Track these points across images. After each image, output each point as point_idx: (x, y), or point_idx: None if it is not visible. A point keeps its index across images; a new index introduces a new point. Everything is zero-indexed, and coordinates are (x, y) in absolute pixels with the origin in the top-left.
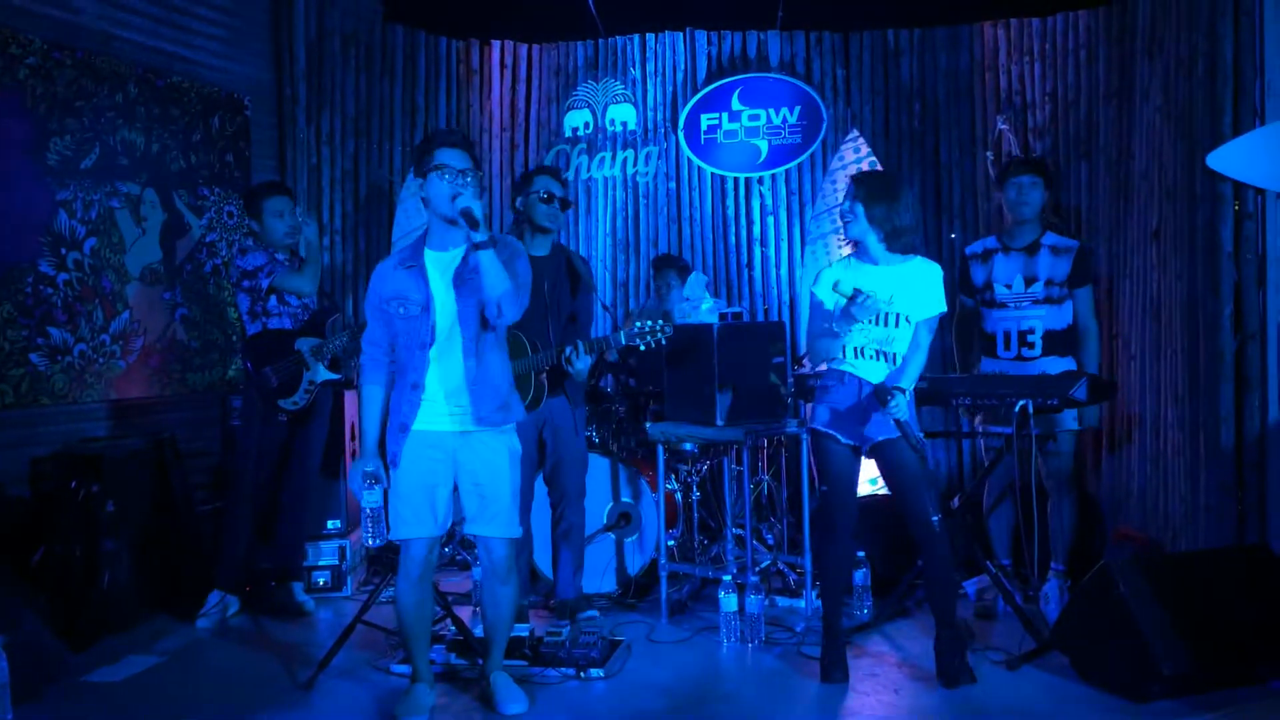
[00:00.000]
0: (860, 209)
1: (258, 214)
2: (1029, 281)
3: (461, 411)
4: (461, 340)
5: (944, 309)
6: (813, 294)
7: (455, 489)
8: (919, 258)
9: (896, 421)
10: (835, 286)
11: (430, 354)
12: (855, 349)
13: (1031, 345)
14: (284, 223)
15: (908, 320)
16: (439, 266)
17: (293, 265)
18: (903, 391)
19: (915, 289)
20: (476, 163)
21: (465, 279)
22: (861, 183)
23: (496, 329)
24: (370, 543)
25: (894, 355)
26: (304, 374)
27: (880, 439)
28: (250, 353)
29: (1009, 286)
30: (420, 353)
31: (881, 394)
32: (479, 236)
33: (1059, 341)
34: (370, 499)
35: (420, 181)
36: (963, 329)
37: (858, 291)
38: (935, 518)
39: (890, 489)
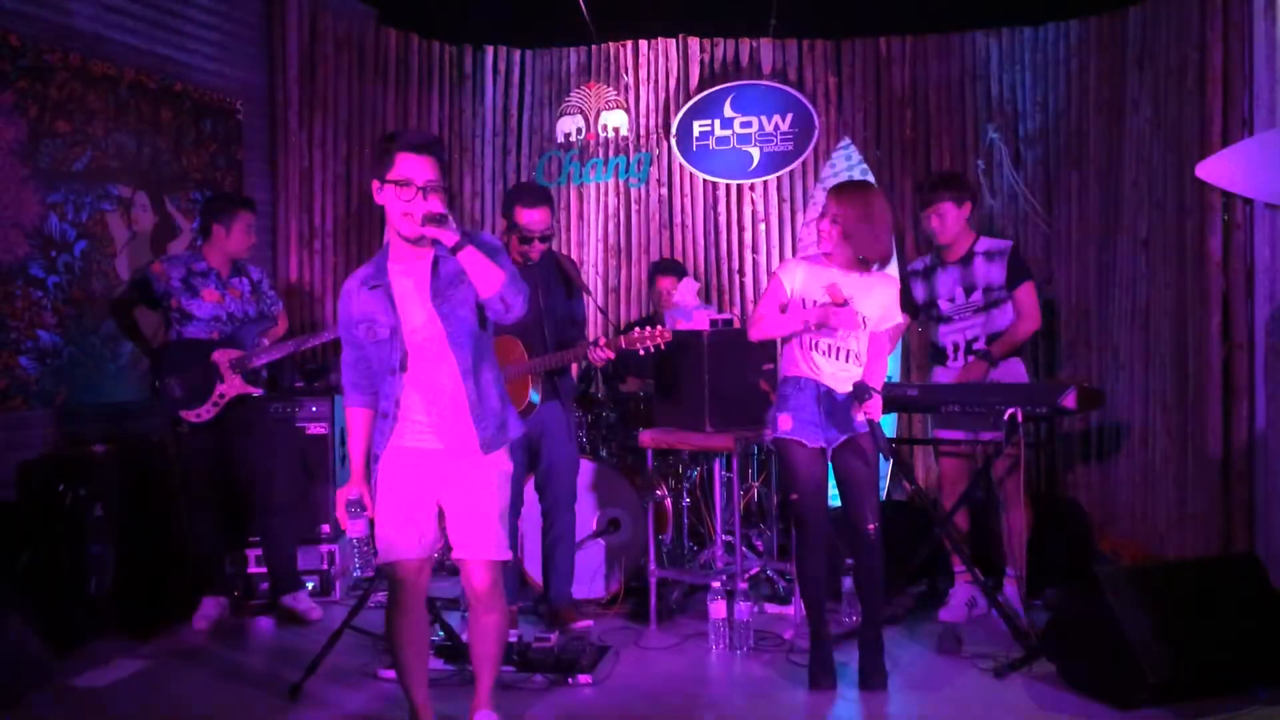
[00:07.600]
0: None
1: (228, 224)
2: (969, 291)
3: (452, 435)
4: (456, 361)
5: (901, 319)
6: (778, 276)
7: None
8: (877, 274)
9: (870, 422)
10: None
11: (403, 379)
12: (811, 341)
13: (977, 353)
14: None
15: (864, 322)
16: (405, 285)
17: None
18: (879, 392)
19: (875, 298)
20: (443, 169)
21: (445, 293)
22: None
23: (489, 334)
24: (358, 573)
25: (849, 353)
26: (215, 386)
27: (845, 437)
28: (157, 361)
29: (952, 300)
30: (391, 378)
31: (861, 393)
32: (450, 238)
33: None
34: (355, 530)
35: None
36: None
37: (845, 298)
38: (872, 525)
39: (839, 489)
